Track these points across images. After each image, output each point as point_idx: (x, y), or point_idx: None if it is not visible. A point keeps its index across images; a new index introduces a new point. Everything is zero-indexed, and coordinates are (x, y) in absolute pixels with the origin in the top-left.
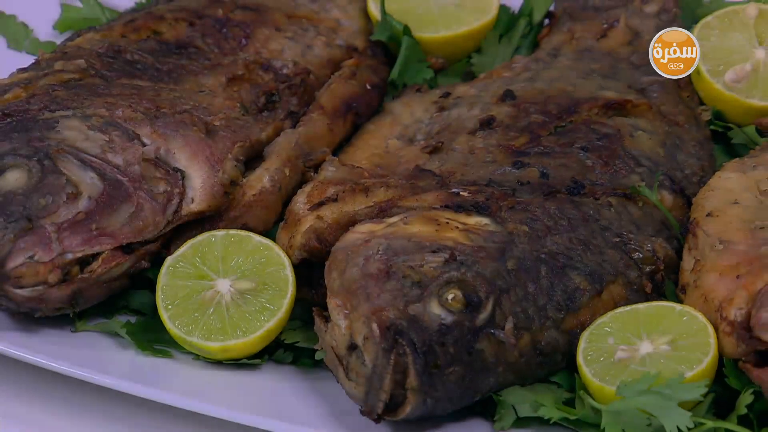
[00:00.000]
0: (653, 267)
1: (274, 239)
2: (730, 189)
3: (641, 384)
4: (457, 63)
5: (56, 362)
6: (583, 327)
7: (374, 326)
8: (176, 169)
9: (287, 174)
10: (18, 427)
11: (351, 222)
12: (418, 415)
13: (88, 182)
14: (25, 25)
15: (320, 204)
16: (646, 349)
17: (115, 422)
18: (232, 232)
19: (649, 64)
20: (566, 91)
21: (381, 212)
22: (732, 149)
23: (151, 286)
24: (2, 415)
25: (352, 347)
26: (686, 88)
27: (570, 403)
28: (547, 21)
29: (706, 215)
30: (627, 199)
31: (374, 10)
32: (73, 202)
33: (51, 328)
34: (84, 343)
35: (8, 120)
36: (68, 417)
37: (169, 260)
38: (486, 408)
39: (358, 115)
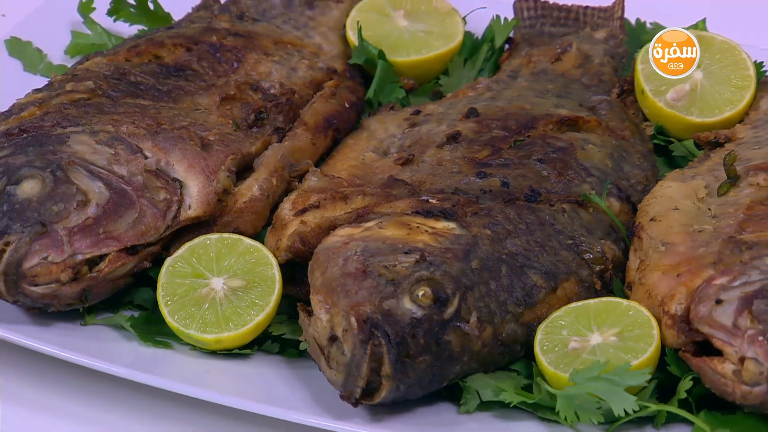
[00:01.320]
0: (602, 266)
1: (262, 242)
2: (671, 196)
3: (592, 371)
4: (427, 84)
5: (67, 352)
6: (540, 320)
7: (352, 320)
8: (175, 179)
9: (274, 183)
10: (32, 411)
11: (332, 226)
12: (392, 399)
13: (96, 191)
14: (39, 51)
15: (304, 210)
16: (596, 340)
17: (120, 406)
18: (225, 235)
19: (599, 84)
20: (524, 108)
21: (358, 217)
22: (673, 161)
23: (153, 284)
24: (19, 400)
25: (333, 338)
26: (632, 105)
27: (528, 388)
28: (507, 46)
29: (650, 220)
30: (579, 205)
31: (352, 37)
32: (82, 208)
33: (63, 322)
34: (92, 336)
35: (24, 135)
36: (78, 402)
37: (168, 261)
38: (453, 393)
39: (338, 131)
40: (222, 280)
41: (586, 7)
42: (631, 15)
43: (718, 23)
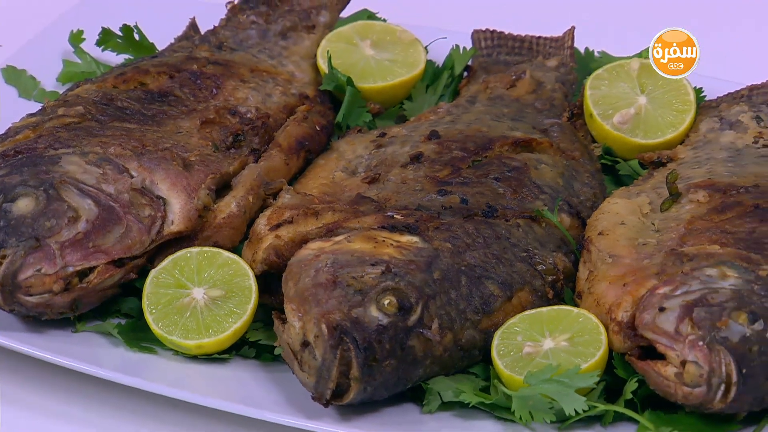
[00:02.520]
0: (554, 277)
1: (240, 255)
2: (617, 212)
3: (545, 374)
4: (392, 108)
5: (59, 357)
6: (497, 327)
7: (323, 327)
8: (159, 197)
9: (251, 200)
10: (27, 412)
11: (304, 240)
12: (360, 400)
13: (86, 208)
14: (33, 78)
15: (278, 225)
16: (548, 345)
17: (108, 407)
18: (205, 248)
19: (551, 108)
20: (482, 131)
21: (329, 232)
22: (619, 179)
23: (139, 294)
24: (15, 401)
25: (305, 344)
26: (581, 128)
27: (486, 390)
28: (466, 73)
29: (598, 234)
30: (532, 220)
31: (322, 65)
32: (73, 224)
33: (55, 329)
34: (82, 342)
35: (19, 156)
36: (69, 403)
37: (153, 272)
38: (416, 394)
39: (310, 152)
40: (202, 290)
41: (539, 38)
42: (580, 44)
43: None
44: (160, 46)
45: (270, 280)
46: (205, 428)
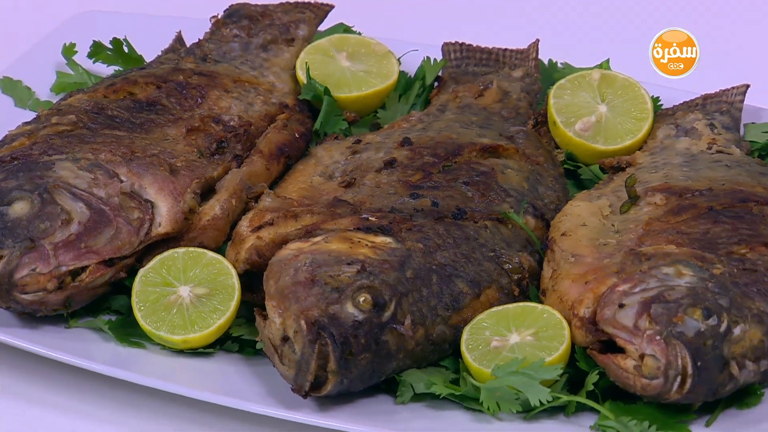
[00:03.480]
0: (520, 275)
1: (224, 255)
2: (579, 214)
3: (511, 367)
4: (367, 117)
5: (53, 352)
6: (466, 322)
7: (302, 322)
8: (147, 200)
9: (234, 204)
10: (23, 404)
11: (284, 241)
12: (337, 392)
13: (78, 211)
14: (28, 88)
15: (260, 227)
16: (514, 339)
17: (99, 399)
18: (191, 249)
19: (516, 116)
20: (452, 138)
21: (307, 233)
22: (581, 183)
23: (128, 292)
24: (11, 393)
25: (285, 339)
26: (545, 135)
27: (456, 382)
28: (436, 84)
29: (561, 235)
30: (499, 222)
31: (301, 75)
32: (66, 226)
33: (49, 325)
34: (75, 337)
35: (15, 162)
36: (63, 395)
37: (141, 271)
38: (390, 386)
39: (289, 158)
40: (188, 288)
41: (505, 50)
42: (544, 56)
43: (620, 63)
44: (148, 58)
45: (252, 279)
46: (190, 418)
